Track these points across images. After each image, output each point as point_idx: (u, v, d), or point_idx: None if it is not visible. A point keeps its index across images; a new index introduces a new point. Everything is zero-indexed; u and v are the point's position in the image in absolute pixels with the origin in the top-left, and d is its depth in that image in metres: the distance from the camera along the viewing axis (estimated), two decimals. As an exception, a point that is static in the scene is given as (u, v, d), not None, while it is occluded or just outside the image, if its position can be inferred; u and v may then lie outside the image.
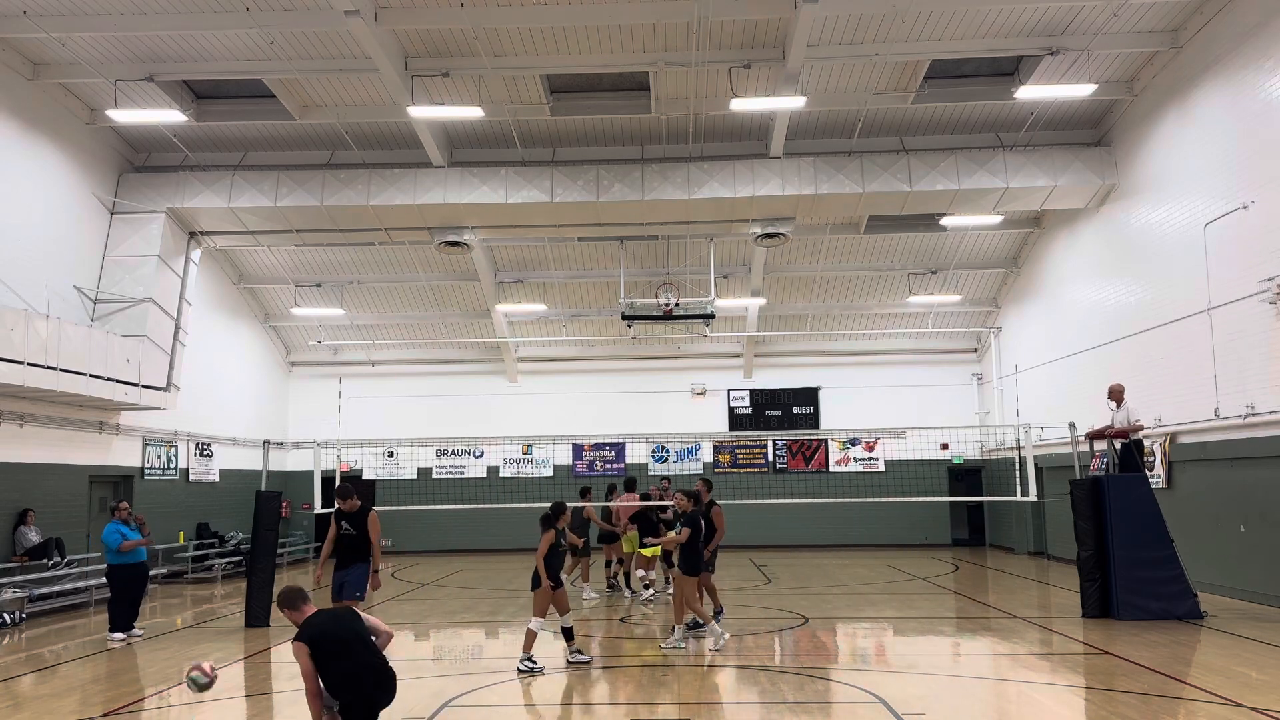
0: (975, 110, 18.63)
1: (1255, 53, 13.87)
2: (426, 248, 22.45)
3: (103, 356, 16.49)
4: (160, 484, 20.68)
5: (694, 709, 8.48)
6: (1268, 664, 9.87)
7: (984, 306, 25.43)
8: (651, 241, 22.61)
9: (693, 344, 26.12)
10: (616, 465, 26.58)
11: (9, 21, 14.92)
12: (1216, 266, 14.78)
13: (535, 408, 26.65)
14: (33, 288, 16.05)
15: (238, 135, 19.39)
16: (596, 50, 16.22)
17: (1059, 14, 15.27)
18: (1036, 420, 19.65)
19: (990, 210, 19.61)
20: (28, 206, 16.52)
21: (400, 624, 14.08)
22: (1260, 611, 13.23)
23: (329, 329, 26.26)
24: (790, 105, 16.21)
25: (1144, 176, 17.33)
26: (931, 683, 9.55)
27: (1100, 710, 8.25)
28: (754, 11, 14.91)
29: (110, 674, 10.61)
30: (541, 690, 9.39)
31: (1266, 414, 13.50)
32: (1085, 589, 13.37)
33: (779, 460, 26.79)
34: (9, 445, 16.05)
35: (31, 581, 15.39)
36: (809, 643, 11.78)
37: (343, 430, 25.97)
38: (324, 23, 14.99)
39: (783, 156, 18.59)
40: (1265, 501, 13.66)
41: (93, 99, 17.58)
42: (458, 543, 26.23)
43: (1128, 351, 17.70)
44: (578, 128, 19.19)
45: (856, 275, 24.47)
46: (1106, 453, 14.40)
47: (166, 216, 19.03)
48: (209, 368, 22.56)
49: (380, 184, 18.85)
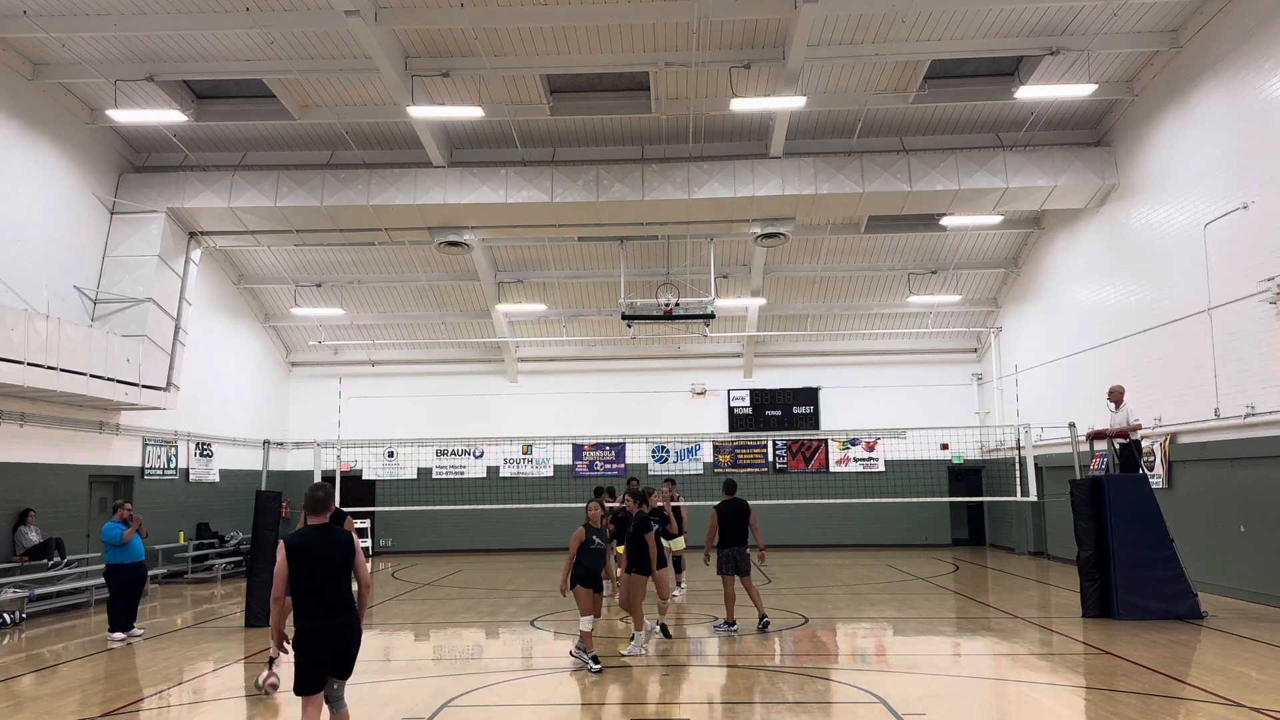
0: (975, 110, 18.63)
1: (1255, 53, 13.87)
2: (426, 248, 22.46)
3: (103, 356, 16.49)
4: (160, 484, 20.68)
5: (694, 709, 8.48)
6: (1268, 664, 9.87)
7: (984, 306, 25.43)
8: (651, 241, 22.62)
9: (693, 344, 26.13)
10: (616, 465, 26.59)
11: (9, 21, 14.92)
12: (1216, 266, 14.78)
13: (535, 408, 26.66)
14: (33, 288, 16.06)
15: (238, 135, 19.39)
16: (596, 50, 16.22)
17: (1059, 14, 15.27)
18: (1036, 420, 19.67)
19: (990, 210, 19.61)
20: (28, 206, 16.52)
21: (400, 624, 14.09)
22: (1260, 611, 13.22)
23: (329, 329, 26.26)
24: (790, 105, 16.21)
25: (1144, 176, 17.33)
26: (931, 683, 9.55)
27: (1100, 710, 8.25)
28: (754, 11, 14.91)
29: (110, 674, 10.61)
30: (541, 690, 9.39)
31: (1266, 414, 13.50)
32: (1085, 589, 13.37)
33: (779, 460, 26.79)
34: (9, 445, 16.05)
35: (31, 581, 15.38)
36: (809, 643, 11.78)
37: (343, 430, 25.99)
38: (324, 23, 14.99)
39: (783, 156, 18.59)
40: (1265, 501, 13.66)
41: (93, 99, 17.58)
42: (458, 543, 26.23)
43: (1128, 351, 17.70)
44: (578, 128, 19.19)
45: (856, 275, 24.48)
46: (1106, 453, 14.40)
47: (166, 216, 19.03)
48: (209, 368, 22.56)
49: (380, 184, 18.85)
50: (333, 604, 6.34)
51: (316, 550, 6.37)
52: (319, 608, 6.30)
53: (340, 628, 6.34)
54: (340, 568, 6.43)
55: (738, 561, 12.46)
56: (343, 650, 6.35)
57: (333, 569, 6.39)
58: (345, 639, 6.37)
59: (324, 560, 6.37)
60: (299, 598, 6.32)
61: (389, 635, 13.16)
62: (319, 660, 6.28)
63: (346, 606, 6.41)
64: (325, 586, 6.35)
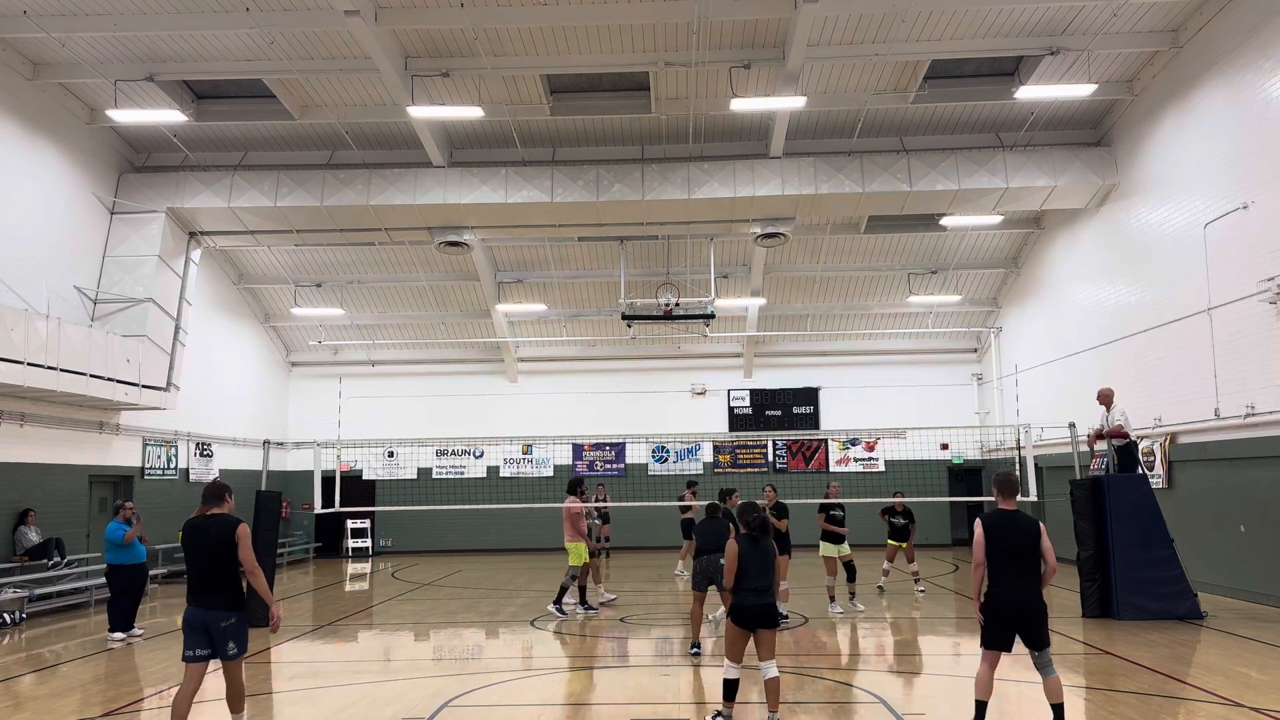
0: (975, 110, 18.62)
1: (1255, 53, 13.87)
2: (426, 248, 22.45)
3: (103, 356, 16.49)
4: (160, 484, 20.68)
5: (694, 709, 8.48)
6: (1268, 664, 9.87)
7: (984, 306, 25.42)
8: (651, 241, 22.61)
9: (693, 344, 26.12)
10: (617, 465, 26.59)
11: (9, 21, 14.92)
12: (1216, 266, 14.78)
13: (535, 408, 26.65)
14: (33, 288, 16.06)
15: (238, 135, 19.39)
16: (596, 50, 16.22)
17: (1059, 14, 15.27)
18: (1036, 420, 19.66)
19: (990, 210, 19.60)
20: (28, 206, 16.52)
21: (400, 624, 14.09)
22: (1260, 611, 13.23)
23: (329, 329, 26.25)
24: (790, 105, 16.21)
25: (1144, 176, 17.33)
26: (931, 683, 9.55)
27: (1100, 710, 8.25)
28: (754, 11, 14.91)
29: (110, 674, 10.61)
30: (541, 690, 9.39)
31: (1266, 414, 13.50)
32: (1085, 589, 13.37)
33: (779, 460, 26.78)
34: (9, 445, 16.04)
35: (31, 581, 15.38)
36: (809, 643, 11.77)
37: (343, 430, 26.02)
38: (324, 23, 14.99)
39: (783, 156, 18.58)
40: (1265, 501, 13.66)
41: (93, 99, 17.58)
42: (458, 543, 26.23)
43: (1128, 351, 17.70)
44: (578, 128, 19.19)
45: (856, 275, 24.47)
46: (1107, 453, 14.41)
47: (166, 216, 19.03)
48: (209, 368, 22.56)
49: (380, 184, 18.85)
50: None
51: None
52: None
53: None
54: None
55: (712, 574, 10.84)
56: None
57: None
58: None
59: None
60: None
61: (389, 635, 13.17)
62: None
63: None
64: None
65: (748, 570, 7.60)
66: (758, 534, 7.79)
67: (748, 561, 7.63)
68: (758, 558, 7.66)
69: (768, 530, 7.87)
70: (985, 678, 7.16)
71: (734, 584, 7.64)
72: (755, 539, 7.77)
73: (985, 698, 7.14)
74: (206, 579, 7.11)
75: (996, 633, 7.16)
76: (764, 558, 7.69)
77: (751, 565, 7.63)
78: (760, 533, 7.79)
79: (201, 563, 7.16)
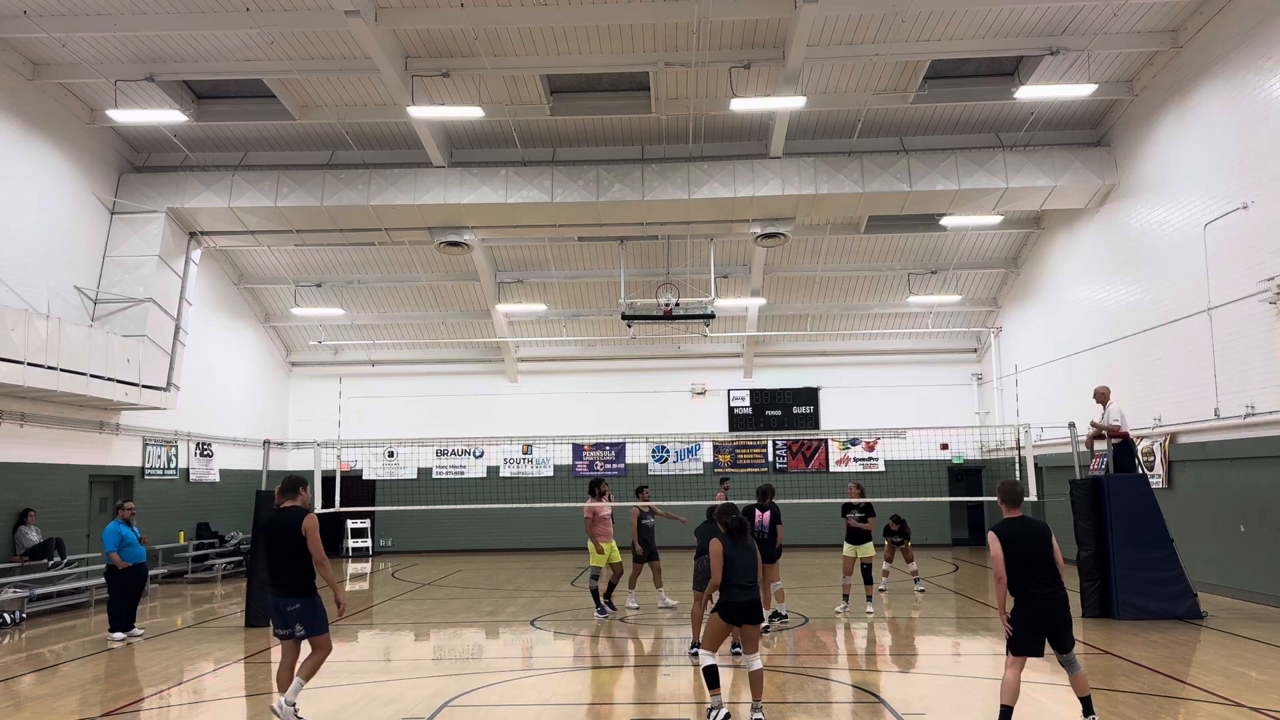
0: (975, 110, 18.63)
1: (1255, 53, 13.87)
2: (426, 248, 22.46)
3: (103, 356, 16.49)
4: (160, 484, 20.68)
5: (694, 709, 8.48)
6: (1268, 664, 9.87)
7: (984, 306, 25.43)
8: (651, 241, 22.61)
9: (693, 344, 26.13)
10: (617, 465, 26.59)
11: (9, 21, 14.92)
12: (1216, 266, 14.78)
13: (535, 408, 26.66)
14: (33, 288, 16.06)
15: (238, 135, 19.39)
16: (596, 50, 16.22)
17: (1059, 14, 15.27)
18: (1036, 420, 19.66)
19: (990, 210, 19.61)
20: (28, 207, 16.52)
21: (400, 624, 14.09)
22: (1260, 611, 13.23)
23: (329, 329, 26.26)
24: (790, 105, 16.21)
25: (1144, 176, 17.33)
26: (931, 683, 9.55)
27: (1100, 710, 8.24)
28: (754, 11, 14.91)
29: (110, 674, 10.61)
30: (541, 690, 9.39)
31: (1266, 414, 13.51)
32: (1085, 589, 13.37)
33: (779, 460, 26.78)
34: (9, 445, 16.05)
35: (31, 581, 15.38)
36: (809, 643, 11.78)
37: (343, 430, 26.03)
38: (324, 23, 14.99)
39: (783, 156, 18.58)
40: (1265, 501, 13.66)
41: (93, 99, 17.58)
42: (458, 543, 26.24)
43: (1128, 351, 17.70)
44: (578, 128, 19.19)
45: (856, 275, 24.48)
46: (1107, 453, 14.41)
47: (166, 216, 19.03)
48: (209, 368, 22.57)
49: (380, 184, 18.86)
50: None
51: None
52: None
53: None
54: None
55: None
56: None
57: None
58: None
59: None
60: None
61: (389, 635, 13.17)
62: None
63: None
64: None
65: (734, 567, 7.92)
66: (737, 534, 8.11)
67: (733, 559, 7.96)
68: (742, 555, 8.00)
69: (745, 530, 8.18)
70: (1013, 683, 7.16)
71: (722, 581, 7.93)
72: (736, 537, 8.10)
73: (1012, 703, 7.11)
74: (277, 566, 7.70)
75: (1029, 639, 7.20)
76: (748, 555, 8.03)
77: (737, 563, 7.96)
78: (739, 533, 8.11)
79: (274, 551, 7.72)
